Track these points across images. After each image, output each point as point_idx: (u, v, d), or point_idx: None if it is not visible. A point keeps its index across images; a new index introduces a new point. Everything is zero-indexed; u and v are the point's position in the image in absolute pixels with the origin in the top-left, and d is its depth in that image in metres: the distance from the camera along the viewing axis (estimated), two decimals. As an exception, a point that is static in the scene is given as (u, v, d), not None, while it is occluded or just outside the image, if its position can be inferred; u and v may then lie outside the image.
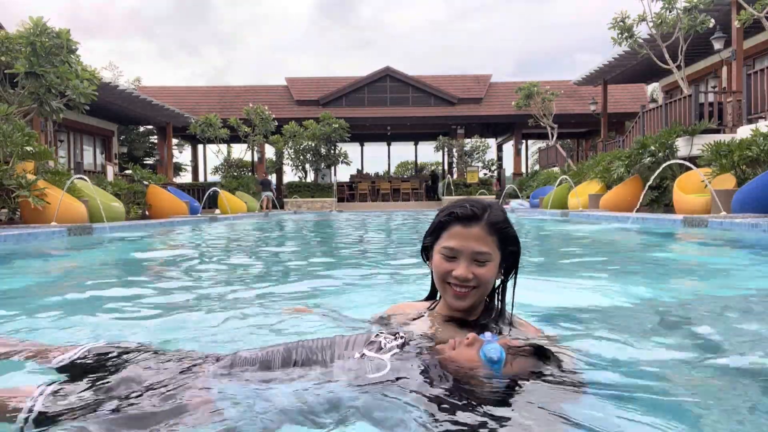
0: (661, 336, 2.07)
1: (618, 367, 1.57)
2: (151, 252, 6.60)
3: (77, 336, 2.12)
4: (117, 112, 20.06)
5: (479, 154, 27.61)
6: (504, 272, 1.67)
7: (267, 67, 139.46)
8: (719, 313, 2.45)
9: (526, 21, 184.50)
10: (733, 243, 5.96)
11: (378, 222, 13.08)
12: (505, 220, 1.62)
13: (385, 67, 28.40)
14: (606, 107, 21.41)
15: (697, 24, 13.38)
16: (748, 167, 9.04)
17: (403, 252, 5.98)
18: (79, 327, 2.29)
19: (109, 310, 2.71)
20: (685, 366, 1.64)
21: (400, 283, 3.59)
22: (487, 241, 1.57)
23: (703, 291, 3.17)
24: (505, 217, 1.63)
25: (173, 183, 22.17)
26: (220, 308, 2.67)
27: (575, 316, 2.37)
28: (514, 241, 1.64)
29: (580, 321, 2.30)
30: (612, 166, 13.35)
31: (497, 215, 1.60)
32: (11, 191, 8.50)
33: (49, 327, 2.33)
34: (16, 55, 9.59)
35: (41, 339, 1.86)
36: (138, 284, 3.67)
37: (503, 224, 1.61)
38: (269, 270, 4.67)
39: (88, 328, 2.26)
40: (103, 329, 2.25)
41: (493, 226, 1.59)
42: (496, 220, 1.59)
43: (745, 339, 2.00)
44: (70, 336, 2.13)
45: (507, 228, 1.61)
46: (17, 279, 4.11)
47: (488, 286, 1.62)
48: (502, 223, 1.61)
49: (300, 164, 26.02)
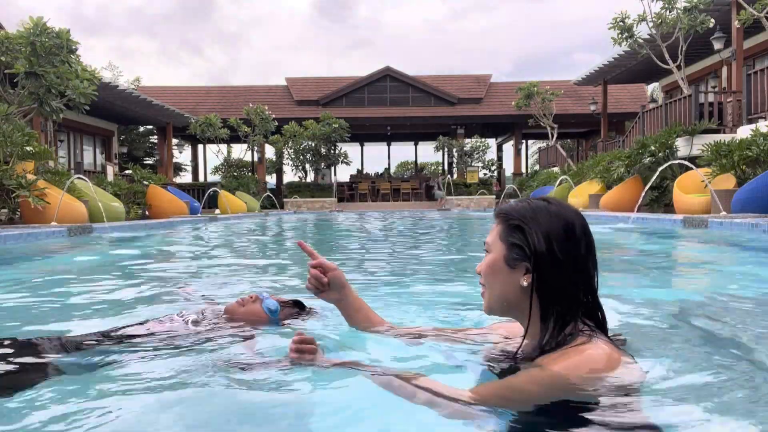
0: (661, 336, 2.07)
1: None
2: (151, 252, 6.60)
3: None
4: (117, 112, 20.05)
5: (479, 154, 27.59)
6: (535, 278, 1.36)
7: (267, 67, 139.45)
8: (719, 313, 2.45)
9: (525, 21, 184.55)
10: (733, 243, 5.96)
11: (385, 222, 13.08)
12: (513, 208, 1.41)
13: (385, 67, 28.40)
14: (606, 107, 21.41)
15: (697, 24, 13.37)
16: (748, 167, 9.04)
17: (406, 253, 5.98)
18: (79, 327, 2.29)
19: (109, 310, 2.71)
20: (685, 366, 1.64)
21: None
22: (494, 231, 1.43)
23: (703, 291, 3.17)
24: (519, 206, 1.41)
25: (173, 183, 22.17)
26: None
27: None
28: (515, 231, 1.38)
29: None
30: (612, 166, 13.35)
31: (509, 204, 1.44)
32: (11, 191, 8.49)
33: (50, 327, 2.32)
34: (16, 55, 9.59)
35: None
36: (138, 284, 3.67)
37: (508, 212, 1.41)
38: (269, 270, 4.67)
39: (84, 330, 2.26)
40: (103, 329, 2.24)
41: (498, 214, 1.44)
42: (504, 208, 1.43)
43: (745, 339, 2.00)
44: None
45: (510, 217, 1.40)
46: (17, 279, 4.11)
47: (494, 286, 1.42)
48: (508, 210, 1.42)
49: (300, 164, 26.01)
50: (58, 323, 2.40)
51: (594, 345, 1.27)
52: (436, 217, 15.60)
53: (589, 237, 1.38)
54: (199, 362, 1.65)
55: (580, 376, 1.21)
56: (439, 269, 4.64)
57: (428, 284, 3.61)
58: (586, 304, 1.37)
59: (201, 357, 1.71)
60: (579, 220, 1.38)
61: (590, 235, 1.39)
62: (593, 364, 1.23)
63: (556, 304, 1.34)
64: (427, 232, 9.66)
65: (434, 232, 9.69)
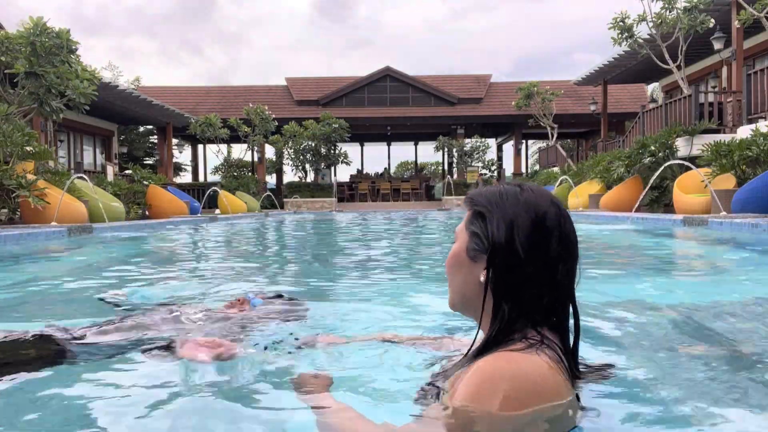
0: (661, 336, 2.07)
1: (618, 367, 1.57)
2: (151, 252, 6.60)
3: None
4: (117, 112, 20.05)
5: (479, 154, 27.59)
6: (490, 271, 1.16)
7: (267, 67, 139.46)
8: (719, 313, 2.45)
9: (525, 21, 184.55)
10: (733, 243, 5.96)
11: (388, 223, 13.08)
12: (480, 193, 1.23)
13: (385, 67, 28.40)
14: (606, 107, 21.40)
15: (697, 24, 13.37)
16: (748, 167, 9.04)
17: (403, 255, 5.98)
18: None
19: (108, 310, 2.71)
20: (684, 366, 1.64)
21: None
22: (464, 219, 1.26)
23: (702, 291, 3.17)
24: (487, 191, 1.22)
25: (173, 183, 22.17)
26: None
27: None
28: (477, 219, 1.20)
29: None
30: (612, 166, 13.35)
31: (479, 189, 1.25)
32: (11, 191, 8.49)
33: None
34: (16, 55, 9.59)
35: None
36: (137, 284, 3.66)
37: (474, 197, 1.24)
38: (269, 270, 4.67)
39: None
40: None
41: (466, 200, 1.26)
42: (472, 193, 1.25)
43: (745, 339, 2.00)
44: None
45: (475, 203, 1.22)
46: (17, 279, 4.11)
47: (454, 279, 1.24)
48: (474, 195, 1.24)
49: (300, 164, 26.01)
50: (58, 323, 2.40)
51: (522, 356, 1.05)
52: (439, 217, 15.60)
53: (564, 231, 1.15)
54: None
55: (485, 407, 1.00)
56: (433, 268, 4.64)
57: (421, 284, 3.61)
58: (553, 310, 1.15)
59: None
60: (554, 210, 1.16)
61: (567, 229, 1.16)
62: (511, 382, 1.01)
63: (509, 303, 1.14)
64: (425, 231, 9.67)
65: (436, 230, 9.70)
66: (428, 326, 2.17)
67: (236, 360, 1.60)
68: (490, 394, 1.00)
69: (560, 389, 1.04)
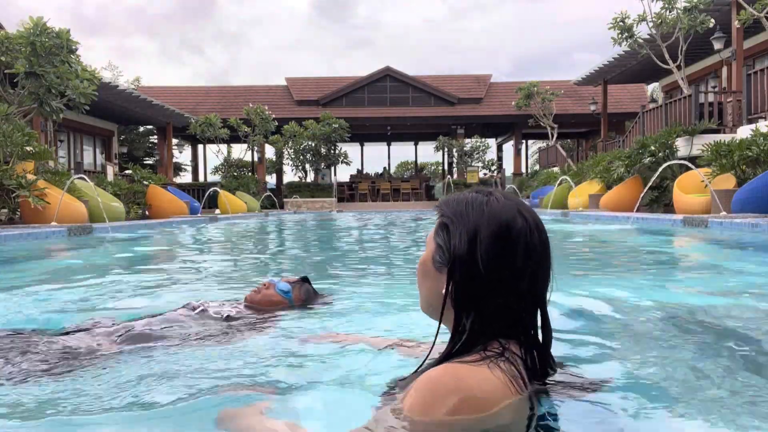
0: (661, 336, 2.07)
1: (617, 367, 1.57)
2: (151, 252, 6.60)
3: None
4: (117, 112, 20.06)
5: (479, 154, 27.60)
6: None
7: (267, 67, 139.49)
8: (719, 314, 2.45)
9: (525, 21, 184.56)
10: (733, 243, 5.96)
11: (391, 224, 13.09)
12: (447, 202, 1.20)
13: (385, 67, 28.40)
14: (606, 107, 21.41)
15: (697, 24, 13.37)
16: (748, 167, 9.04)
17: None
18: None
19: (107, 310, 2.71)
20: (684, 366, 1.64)
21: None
22: (435, 225, 1.23)
23: (702, 291, 3.17)
24: (454, 200, 1.20)
25: (173, 183, 22.17)
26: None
27: (574, 316, 2.37)
28: (441, 230, 1.18)
29: (579, 321, 2.30)
30: (612, 166, 13.35)
31: (449, 196, 1.22)
32: (11, 191, 8.50)
33: (47, 327, 2.32)
34: (16, 55, 9.59)
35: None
36: (137, 284, 3.66)
37: (441, 205, 1.21)
38: (269, 270, 4.67)
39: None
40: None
41: (436, 207, 1.24)
42: (441, 201, 1.23)
43: (745, 339, 2.00)
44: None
45: (442, 213, 1.20)
46: (17, 279, 4.11)
47: (421, 287, 1.23)
48: (441, 204, 1.21)
49: (300, 164, 26.01)
50: (58, 324, 2.40)
51: (469, 369, 1.03)
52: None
53: (531, 242, 1.11)
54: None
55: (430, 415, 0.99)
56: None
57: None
58: (520, 320, 1.13)
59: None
60: (520, 221, 1.11)
61: (534, 240, 1.12)
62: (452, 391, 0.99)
63: (471, 315, 1.12)
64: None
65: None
66: (426, 327, 2.17)
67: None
68: (432, 405, 0.99)
69: (505, 404, 1.02)
